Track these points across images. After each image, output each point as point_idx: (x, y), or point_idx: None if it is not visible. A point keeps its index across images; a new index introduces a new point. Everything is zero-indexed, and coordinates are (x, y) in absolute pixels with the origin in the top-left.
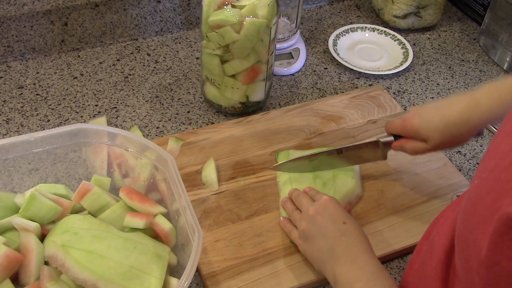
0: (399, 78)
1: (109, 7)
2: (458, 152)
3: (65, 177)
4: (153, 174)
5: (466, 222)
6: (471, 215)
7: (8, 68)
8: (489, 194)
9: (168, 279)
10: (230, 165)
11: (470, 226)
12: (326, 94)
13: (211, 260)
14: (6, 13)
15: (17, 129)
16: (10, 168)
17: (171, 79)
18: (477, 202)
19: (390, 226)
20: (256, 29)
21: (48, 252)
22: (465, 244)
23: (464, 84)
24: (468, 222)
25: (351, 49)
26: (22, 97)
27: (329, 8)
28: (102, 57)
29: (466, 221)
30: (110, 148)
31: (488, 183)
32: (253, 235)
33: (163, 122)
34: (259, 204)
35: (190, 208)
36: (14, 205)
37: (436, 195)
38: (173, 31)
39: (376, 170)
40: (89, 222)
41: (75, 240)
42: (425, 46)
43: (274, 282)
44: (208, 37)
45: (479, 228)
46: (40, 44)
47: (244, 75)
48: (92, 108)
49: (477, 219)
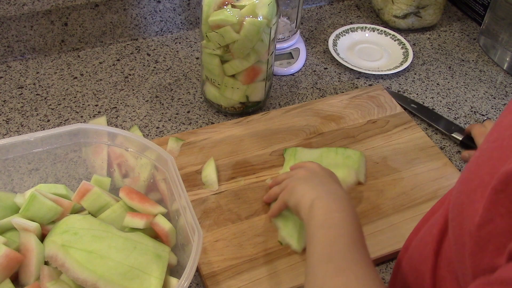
0: (399, 78)
1: (109, 7)
2: (458, 152)
3: (65, 177)
4: (153, 174)
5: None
6: (470, 181)
7: (8, 68)
8: (490, 160)
9: (168, 279)
10: (230, 165)
11: (467, 189)
12: (326, 94)
13: (211, 260)
14: (6, 13)
15: (17, 129)
16: (10, 168)
17: (171, 79)
18: (477, 169)
19: (390, 226)
20: (256, 29)
21: (48, 252)
22: (461, 208)
23: (464, 84)
24: (466, 187)
25: (351, 49)
26: (22, 97)
27: (329, 8)
28: (102, 57)
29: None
30: (110, 148)
31: (489, 151)
32: (253, 235)
33: (163, 122)
34: (259, 204)
35: (190, 208)
36: (14, 205)
37: (436, 195)
38: (173, 31)
39: (376, 170)
40: (89, 222)
41: (75, 240)
42: (425, 46)
43: (274, 282)
44: (208, 37)
45: (478, 190)
46: (40, 44)
47: (244, 75)
48: (92, 108)
49: (476, 183)
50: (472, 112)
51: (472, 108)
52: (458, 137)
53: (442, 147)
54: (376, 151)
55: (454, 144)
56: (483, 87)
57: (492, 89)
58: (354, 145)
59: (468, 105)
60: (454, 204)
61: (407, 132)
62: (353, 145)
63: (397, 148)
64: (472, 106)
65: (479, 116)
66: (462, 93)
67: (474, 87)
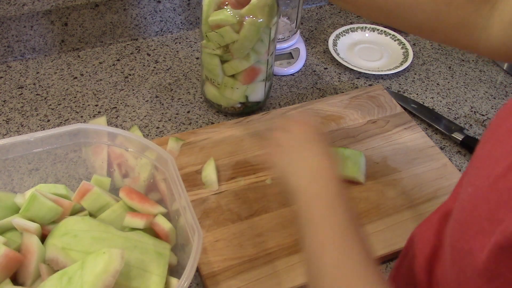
0: (399, 78)
1: (109, 7)
2: (458, 152)
3: (65, 177)
4: (153, 174)
5: (461, 232)
6: (467, 225)
7: (8, 68)
8: (486, 203)
9: (168, 279)
10: (230, 165)
11: (466, 235)
12: (326, 94)
13: (211, 260)
14: (6, 13)
15: (17, 129)
16: (10, 168)
17: (171, 79)
18: (473, 211)
19: (390, 226)
20: (256, 29)
21: (49, 255)
22: (460, 254)
23: (464, 84)
24: (463, 232)
25: (351, 49)
26: (22, 97)
27: (329, 8)
28: (102, 57)
29: (461, 230)
30: (110, 148)
31: (484, 192)
32: (253, 235)
33: (163, 122)
34: (259, 204)
35: (190, 208)
36: (14, 205)
37: (436, 195)
38: (173, 31)
39: (376, 170)
40: (88, 224)
41: (75, 243)
42: (425, 46)
43: (274, 282)
44: (208, 37)
45: (478, 238)
46: (40, 44)
47: (243, 75)
48: (92, 108)
49: (474, 229)
50: (472, 112)
51: (472, 108)
52: (458, 137)
53: (442, 147)
54: (376, 151)
55: (454, 144)
56: (483, 87)
57: (492, 89)
58: (354, 145)
59: (468, 105)
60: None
61: (407, 132)
62: (353, 145)
63: (397, 148)
64: (472, 106)
65: (479, 116)
66: (462, 93)
67: (474, 87)
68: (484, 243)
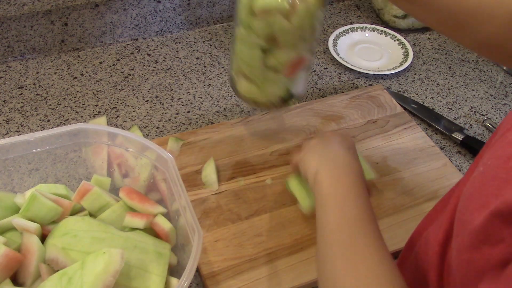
0: (399, 78)
1: (109, 7)
2: (458, 152)
3: (65, 177)
4: (153, 174)
5: (466, 205)
6: (473, 199)
7: (8, 68)
8: (494, 180)
9: (168, 279)
10: (230, 165)
11: (470, 208)
12: (326, 94)
13: (211, 260)
14: (6, 13)
15: (17, 129)
16: (10, 168)
17: (171, 79)
18: (481, 187)
19: (390, 226)
20: (311, 16)
21: (49, 255)
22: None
23: (464, 84)
24: (468, 205)
25: (351, 49)
26: (22, 97)
27: (329, 8)
28: (102, 57)
29: (466, 204)
30: (110, 148)
31: (494, 170)
32: (253, 235)
33: (163, 122)
34: (259, 204)
35: (190, 208)
36: (14, 205)
37: (436, 195)
38: (173, 31)
39: (376, 170)
40: (88, 224)
41: (75, 243)
42: (425, 46)
43: (274, 282)
44: (249, 25)
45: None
46: (40, 44)
47: (288, 66)
48: (92, 108)
49: (480, 202)
50: (472, 112)
51: (472, 108)
52: (458, 137)
53: (442, 147)
54: (376, 151)
55: (454, 144)
56: (483, 87)
57: (492, 89)
58: None
59: (468, 105)
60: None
61: (407, 132)
62: None
63: (397, 148)
64: (472, 106)
65: (479, 116)
66: (462, 93)
67: (474, 87)
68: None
